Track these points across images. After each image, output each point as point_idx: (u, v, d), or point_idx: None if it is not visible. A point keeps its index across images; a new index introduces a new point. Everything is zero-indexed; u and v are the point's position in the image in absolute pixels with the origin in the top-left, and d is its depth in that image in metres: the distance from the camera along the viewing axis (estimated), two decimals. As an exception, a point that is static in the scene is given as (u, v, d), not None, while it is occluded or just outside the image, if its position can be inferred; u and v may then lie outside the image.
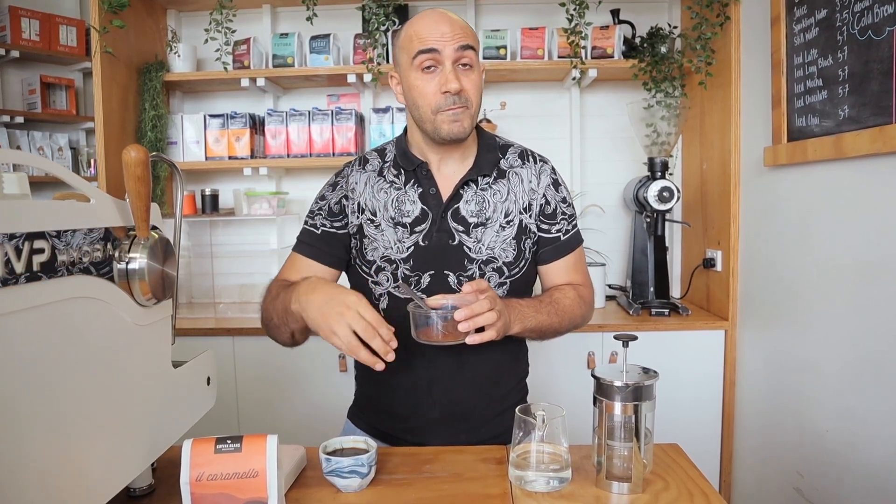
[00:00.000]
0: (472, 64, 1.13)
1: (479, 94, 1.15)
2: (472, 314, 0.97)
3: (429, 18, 1.12)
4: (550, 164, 1.27)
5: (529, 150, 1.28)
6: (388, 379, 1.21)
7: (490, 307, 0.99)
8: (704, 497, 0.92)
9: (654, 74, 2.32)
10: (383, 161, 1.26)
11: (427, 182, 1.20)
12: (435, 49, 1.09)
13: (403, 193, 1.21)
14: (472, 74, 1.13)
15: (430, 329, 1.01)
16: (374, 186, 1.23)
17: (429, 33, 1.10)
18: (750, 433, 2.09)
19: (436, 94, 1.11)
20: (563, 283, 1.24)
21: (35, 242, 0.64)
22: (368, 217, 1.21)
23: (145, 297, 0.82)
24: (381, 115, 2.48)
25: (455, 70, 1.11)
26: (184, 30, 2.70)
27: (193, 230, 2.59)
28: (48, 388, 0.66)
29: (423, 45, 1.10)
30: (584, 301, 1.24)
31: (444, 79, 1.10)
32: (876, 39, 1.39)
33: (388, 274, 1.18)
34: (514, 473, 0.96)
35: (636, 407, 0.93)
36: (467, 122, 1.13)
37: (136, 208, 0.80)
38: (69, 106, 3.01)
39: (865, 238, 1.48)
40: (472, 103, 1.14)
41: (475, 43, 1.14)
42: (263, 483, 0.79)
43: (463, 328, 0.97)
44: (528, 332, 1.13)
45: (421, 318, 1.02)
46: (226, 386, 2.19)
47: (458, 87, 1.10)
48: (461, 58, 1.11)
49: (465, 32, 1.12)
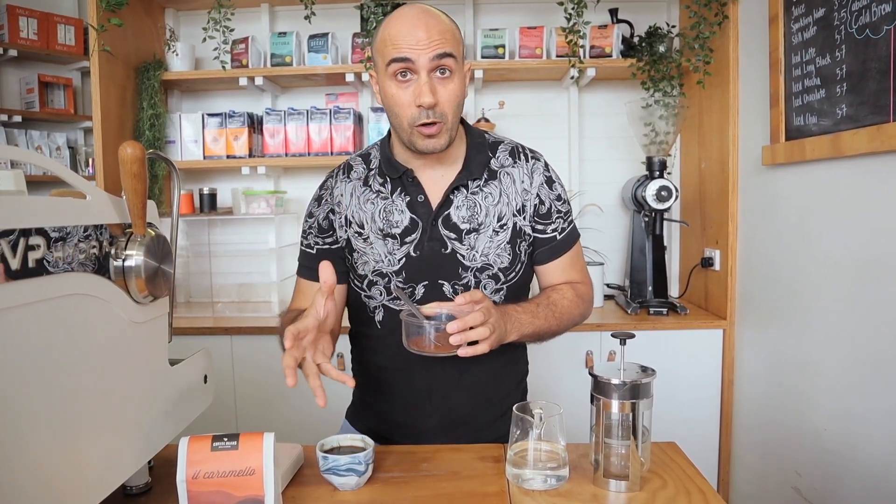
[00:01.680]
0: (452, 70, 1.05)
1: (456, 105, 1.07)
2: (465, 326, 0.94)
3: (404, 20, 1.03)
4: (543, 161, 1.21)
5: (520, 147, 1.22)
6: (385, 386, 1.20)
7: (483, 320, 0.95)
8: (702, 495, 0.92)
9: (652, 74, 2.32)
10: (368, 168, 1.20)
11: (414, 189, 1.15)
12: (409, 59, 1.02)
13: (391, 203, 1.15)
14: (451, 83, 1.05)
15: (421, 339, 0.98)
16: (360, 197, 1.18)
17: (403, 39, 1.02)
18: (748, 432, 2.09)
19: (410, 106, 1.05)
20: (561, 283, 1.22)
21: (30, 239, 0.63)
22: (356, 230, 1.17)
23: (142, 295, 0.82)
24: (380, 114, 2.48)
25: (431, 80, 1.03)
26: (182, 29, 2.70)
27: (191, 229, 2.59)
28: (44, 385, 0.65)
29: (396, 52, 1.02)
30: (583, 299, 1.21)
31: (418, 90, 1.03)
32: (874, 38, 1.39)
33: (381, 288, 1.15)
34: (512, 472, 0.96)
35: (633, 405, 0.93)
36: (444, 138, 1.07)
37: (132, 205, 0.80)
38: (67, 105, 3.00)
39: (863, 237, 1.48)
40: (448, 117, 1.06)
41: (455, 47, 1.05)
42: (260, 481, 0.79)
43: (454, 341, 0.93)
44: (525, 337, 1.11)
45: (413, 327, 0.99)
46: (224, 385, 2.19)
47: (431, 101, 1.02)
48: (438, 66, 1.03)
49: (442, 37, 1.02)
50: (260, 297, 2.50)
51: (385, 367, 1.20)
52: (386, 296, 1.15)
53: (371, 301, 1.17)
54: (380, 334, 1.18)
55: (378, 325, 1.17)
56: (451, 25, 1.07)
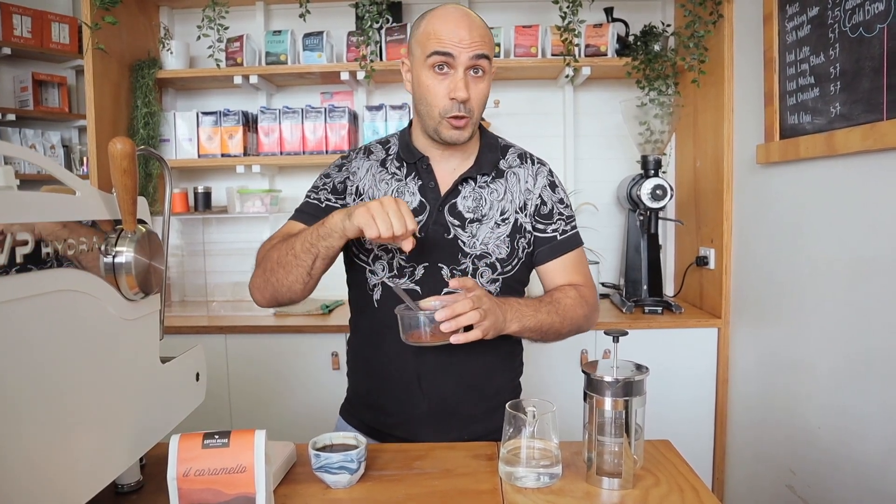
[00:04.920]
0: (485, 71, 1.14)
1: (483, 102, 1.17)
2: (454, 314, 0.98)
3: (450, 18, 1.12)
4: (548, 167, 1.29)
5: (529, 153, 1.30)
6: (378, 372, 1.23)
7: (473, 307, 1.00)
8: (694, 492, 0.92)
9: (647, 72, 2.32)
10: (387, 153, 1.28)
11: (427, 175, 1.22)
12: (450, 54, 1.10)
13: (404, 185, 1.22)
14: (482, 83, 1.15)
15: (417, 331, 1.03)
16: (377, 176, 1.24)
17: (448, 35, 1.10)
18: (742, 430, 2.10)
19: (444, 97, 1.12)
20: (564, 284, 1.23)
21: (19, 234, 0.63)
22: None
23: (132, 292, 0.81)
24: (375, 113, 2.48)
25: (466, 77, 1.12)
26: (176, 27, 2.69)
27: (186, 228, 2.58)
28: (33, 381, 0.65)
29: (440, 46, 1.10)
30: (587, 301, 1.22)
31: (454, 84, 1.11)
32: (867, 37, 1.39)
33: (385, 263, 1.19)
34: (505, 469, 0.96)
35: (626, 402, 0.93)
36: (468, 131, 1.16)
37: (122, 201, 0.79)
38: (62, 104, 2.99)
39: (857, 235, 1.48)
40: (475, 113, 1.15)
41: (491, 50, 1.15)
42: (251, 478, 0.79)
43: (445, 328, 0.99)
44: (528, 331, 1.13)
45: (408, 319, 1.03)
46: (218, 383, 2.18)
47: (465, 96, 1.11)
48: (474, 65, 1.12)
49: (483, 39, 1.12)
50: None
51: (378, 351, 1.22)
52: (388, 271, 1.19)
53: (373, 277, 1.21)
54: (375, 316, 1.21)
55: (375, 304, 1.21)
56: (487, 30, 1.17)
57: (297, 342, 2.17)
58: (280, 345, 2.19)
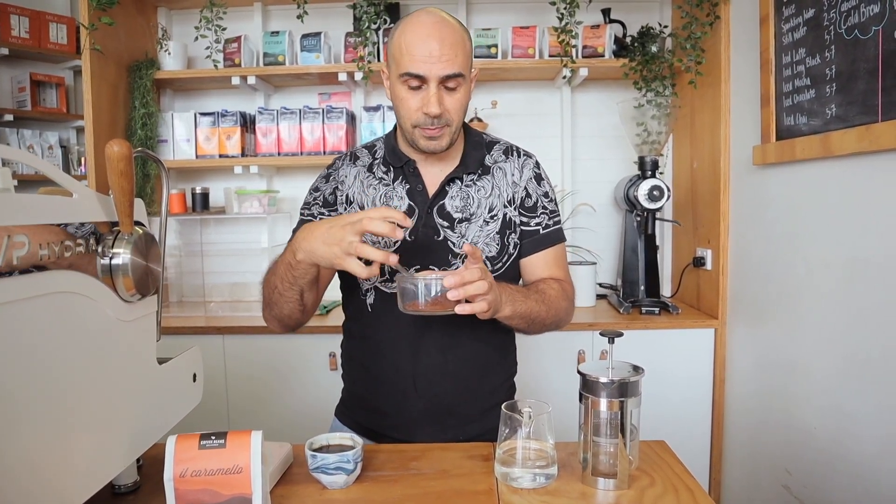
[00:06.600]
0: (460, 84, 1.11)
1: (461, 110, 1.15)
2: (463, 282, 0.96)
3: (421, 32, 1.08)
4: (534, 159, 1.29)
5: (515, 146, 1.29)
6: (373, 375, 1.23)
7: (481, 276, 0.98)
8: (690, 493, 0.92)
9: (644, 74, 2.33)
10: (373, 158, 1.27)
11: (414, 179, 1.22)
12: (420, 75, 1.08)
13: (392, 190, 1.22)
14: (458, 93, 1.12)
15: (417, 300, 0.99)
16: (364, 182, 1.24)
17: (419, 50, 1.07)
18: (739, 431, 2.10)
19: (417, 111, 1.11)
20: (546, 277, 1.25)
21: (16, 236, 0.63)
22: (356, 211, 1.21)
23: (129, 293, 0.82)
24: (372, 114, 2.48)
25: (439, 92, 1.09)
26: (174, 27, 2.69)
27: (184, 228, 2.58)
28: (30, 383, 0.65)
29: (411, 66, 1.08)
30: (567, 296, 1.24)
31: (426, 100, 1.09)
32: (862, 38, 1.40)
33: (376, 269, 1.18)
34: (500, 470, 0.96)
35: (622, 403, 0.93)
36: (445, 140, 1.14)
37: (119, 203, 0.80)
38: (59, 104, 2.98)
39: (853, 236, 1.49)
40: (453, 121, 1.14)
41: (464, 63, 1.11)
42: (248, 479, 0.79)
43: (452, 296, 0.95)
44: (518, 317, 1.12)
45: (409, 288, 1.00)
46: (216, 384, 2.19)
47: (437, 111, 1.09)
48: (447, 82, 1.10)
49: (454, 51, 1.08)
50: (252, 297, 2.49)
51: (373, 355, 1.23)
52: (380, 277, 1.18)
53: (365, 282, 1.21)
54: (369, 320, 1.21)
55: (369, 308, 1.21)
56: (462, 36, 1.12)
57: (295, 343, 2.17)
58: (277, 345, 2.19)
